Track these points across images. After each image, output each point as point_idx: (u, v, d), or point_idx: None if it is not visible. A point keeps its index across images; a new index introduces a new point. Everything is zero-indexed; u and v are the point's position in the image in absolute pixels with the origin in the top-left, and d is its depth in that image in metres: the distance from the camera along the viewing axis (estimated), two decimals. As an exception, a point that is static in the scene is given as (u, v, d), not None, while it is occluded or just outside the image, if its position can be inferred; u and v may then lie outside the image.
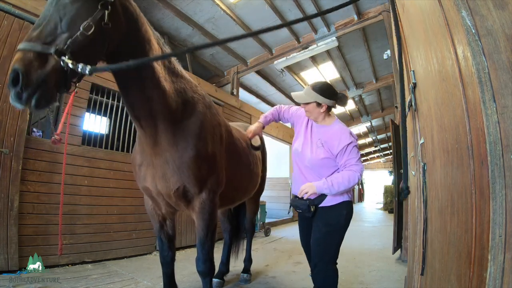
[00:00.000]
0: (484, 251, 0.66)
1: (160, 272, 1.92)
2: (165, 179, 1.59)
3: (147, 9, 4.56)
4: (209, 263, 1.70)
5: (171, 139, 1.54)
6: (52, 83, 1.01)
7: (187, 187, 1.59)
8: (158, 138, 1.53)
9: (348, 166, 1.70)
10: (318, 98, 1.77)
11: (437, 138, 1.07)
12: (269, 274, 3.12)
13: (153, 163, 1.61)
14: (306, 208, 1.75)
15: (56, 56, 1.00)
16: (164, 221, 1.91)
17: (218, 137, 1.78)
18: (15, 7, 2.81)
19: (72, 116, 3.25)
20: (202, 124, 1.64)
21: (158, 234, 1.90)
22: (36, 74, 0.97)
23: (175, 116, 1.54)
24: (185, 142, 1.56)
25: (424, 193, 1.26)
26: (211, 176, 1.67)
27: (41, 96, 0.99)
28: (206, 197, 1.65)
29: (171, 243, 1.90)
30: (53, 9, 1.06)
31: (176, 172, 1.55)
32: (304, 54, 5.65)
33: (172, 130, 1.54)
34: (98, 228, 3.41)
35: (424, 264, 1.25)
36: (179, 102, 1.57)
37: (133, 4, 1.37)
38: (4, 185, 2.65)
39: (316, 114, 1.82)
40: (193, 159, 1.56)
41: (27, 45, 0.99)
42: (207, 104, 1.76)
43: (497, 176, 0.64)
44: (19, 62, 0.96)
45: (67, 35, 1.04)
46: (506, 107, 0.65)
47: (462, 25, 0.75)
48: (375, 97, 8.97)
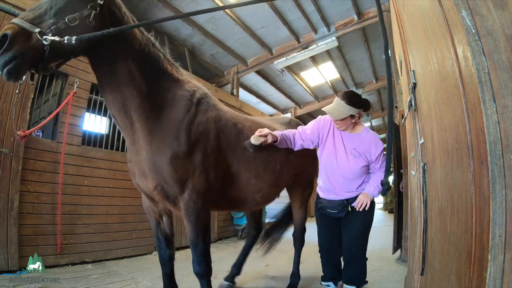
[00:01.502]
0: (484, 251, 0.66)
1: (160, 272, 1.91)
2: (144, 176, 1.58)
3: (147, 9, 4.56)
4: (204, 264, 1.65)
5: (147, 138, 1.52)
6: (28, 58, 1.13)
7: (165, 186, 1.55)
8: (136, 136, 1.54)
9: (379, 169, 1.88)
10: (352, 111, 1.77)
11: (437, 138, 1.07)
12: (269, 274, 3.12)
13: (136, 160, 1.60)
14: (342, 209, 1.87)
15: (39, 35, 1.13)
16: (161, 218, 1.87)
17: (205, 135, 1.66)
18: (15, 7, 2.81)
19: (72, 116, 3.25)
20: (181, 123, 1.57)
21: (155, 232, 1.86)
22: (18, 45, 1.09)
23: (151, 115, 1.52)
24: (160, 141, 1.52)
25: (424, 193, 1.26)
26: (193, 176, 1.58)
27: (15, 66, 1.09)
28: (188, 198, 1.57)
29: (169, 241, 1.86)
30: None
31: (152, 171, 1.53)
32: (304, 54, 5.65)
33: (148, 129, 1.51)
34: (98, 228, 3.41)
35: (424, 264, 1.25)
36: (159, 100, 1.55)
37: (122, 11, 1.48)
38: (4, 185, 2.65)
39: (348, 125, 1.86)
40: (167, 159, 1.50)
41: (18, 21, 1.14)
42: (194, 101, 1.67)
43: (497, 176, 0.64)
44: (9, 29, 1.09)
45: (52, 21, 1.19)
46: (506, 107, 0.65)
47: (462, 25, 0.75)
48: (375, 97, 8.96)
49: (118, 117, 1.51)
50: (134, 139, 1.55)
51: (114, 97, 1.47)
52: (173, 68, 1.72)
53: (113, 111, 1.51)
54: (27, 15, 1.18)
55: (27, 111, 2.87)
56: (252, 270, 3.01)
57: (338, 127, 1.86)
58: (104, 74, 1.45)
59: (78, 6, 1.24)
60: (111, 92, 1.47)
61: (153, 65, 1.58)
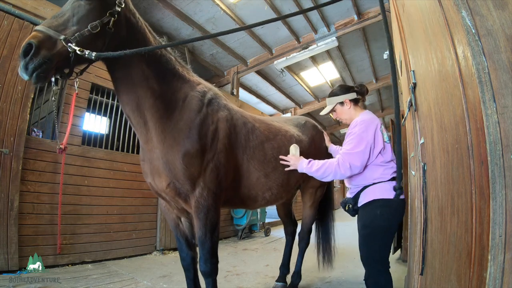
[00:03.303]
0: (484, 251, 0.66)
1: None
2: (158, 174, 1.63)
3: (147, 9, 4.56)
4: (210, 263, 1.67)
5: (160, 136, 1.58)
6: (54, 64, 1.20)
7: (177, 184, 1.60)
8: (149, 135, 1.59)
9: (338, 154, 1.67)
10: (337, 99, 1.81)
11: (437, 138, 1.07)
12: (269, 274, 3.12)
13: (149, 158, 1.65)
14: (345, 207, 1.74)
15: (63, 42, 1.20)
16: (179, 219, 1.89)
17: (216, 134, 1.72)
18: (15, 7, 2.81)
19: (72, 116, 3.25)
20: (192, 122, 1.63)
21: (175, 233, 1.89)
22: (45, 52, 1.16)
23: (164, 114, 1.58)
24: (172, 139, 1.57)
25: (424, 193, 1.26)
26: (204, 174, 1.64)
27: (43, 71, 1.16)
28: (199, 195, 1.62)
29: (189, 242, 1.86)
30: (69, 6, 1.31)
31: (165, 168, 1.58)
32: (304, 54, 5.65)
33: (161, 128, 1.58)
34: (98, 228, 3.41)
35: (424, 264, 1.25)
36: (171, 100, 1.62)
37: (136, 17, 1.56)
38: (4, 185, 2.65)
39: (347, 113, 1.83)
40: (180, 157, 1.56)
41: (42, 28, 1.21)
42: (205, 101, 1.73)
43: (497, 176, 0.64)
44: (34, 38, 1.16)
45: (75, 28, 1.26)
46: (506, 107, 0.65)
47: (462, 25, 0.75)
48: (375, 97, 8.96)
49: (132, 116, 1.57)
50: (147, 138, 1.61)
51: (128, 98, 1.53)
52: (184, 69, 1.80)
53: (127, 110, 1.57)
54: (51, 22, 1.25)
55: (27, 111, 2.87)
56: (252, 270, 3.01)
57: (345, 122, 1.86)
58: (119, 77, 1.51)
59: (98, 14, 1.32)
60: (126, 93, 1.53)
61: (165, 67, 1.65)
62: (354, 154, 1.60)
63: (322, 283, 2.87)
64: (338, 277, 3.06)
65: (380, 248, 1.59)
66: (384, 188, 1.62)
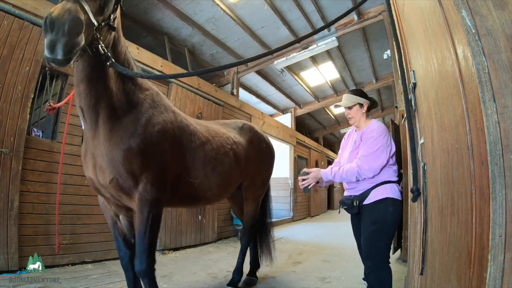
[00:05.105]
0: (484, 251, 0.66)
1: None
2: (101, 170, 1.66)
3: (147, 9, 4.56)
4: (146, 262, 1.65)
5: (107, 134, 1.61)
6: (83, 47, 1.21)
7: (120, 180, 1.64)
8: (97, 131, 1.62)
9: (356, 157, 1.82)
10: (359, 99, 1.96)
11: (437, 138, 1.07)
12: (269, 274, 3.12)
13: (93, 153, 1.69)
14: (350, 203, 1.83)
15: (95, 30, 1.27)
16: (117, 217, 1.92)
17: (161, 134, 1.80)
18: (15, 7, 2.81)
19: (72, 116, 3.25)
20: (138, 122, 1.70)
21: (113, 232, 1.91)
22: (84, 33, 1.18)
23: (115, 113, 1.63)
24: (118, 138, 1.62)
25: (424, 193, 1.26)
26: (147, 170, 1.69)
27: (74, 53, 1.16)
28: (143, 189, 1.67)
29: (127, 241, 1.88)
30: None
31: (109, 165, 1.62)
32: (304, 54, 5.66)
33: (110, 126, 1.62)
34: (98, 228, 3.41)
35: (424, 264, 1.25)
36: (123, 101, 1.67)
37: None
38: (4, 185, 2.65)
39: (359, 115, 1.96)
40: (123, 154, 1.61)
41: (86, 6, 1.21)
42: (153, 104, 1.83)
43: (497, 176, 0.64)
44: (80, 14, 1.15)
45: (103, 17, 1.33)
46: (506, 107, 0.65)
47: (462, 25, 0.75)
48: (375, 97, 8.96)
49: (87, 111, 1.58)
50: (95, 134, 1.64)
51: (90, 94, 1.54)
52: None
53: (83, 103, 1.57)
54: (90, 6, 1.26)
55: (27, 111, 2.87)
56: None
57: (352, 122, 2.00)
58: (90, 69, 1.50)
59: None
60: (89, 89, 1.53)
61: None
62: (372, 157, 1.78)
63: (322, 283, 2.87)
64: (338, 277, 3.06)
65: (385, 244, 1.73)
66: (394, 188, 1.79)
